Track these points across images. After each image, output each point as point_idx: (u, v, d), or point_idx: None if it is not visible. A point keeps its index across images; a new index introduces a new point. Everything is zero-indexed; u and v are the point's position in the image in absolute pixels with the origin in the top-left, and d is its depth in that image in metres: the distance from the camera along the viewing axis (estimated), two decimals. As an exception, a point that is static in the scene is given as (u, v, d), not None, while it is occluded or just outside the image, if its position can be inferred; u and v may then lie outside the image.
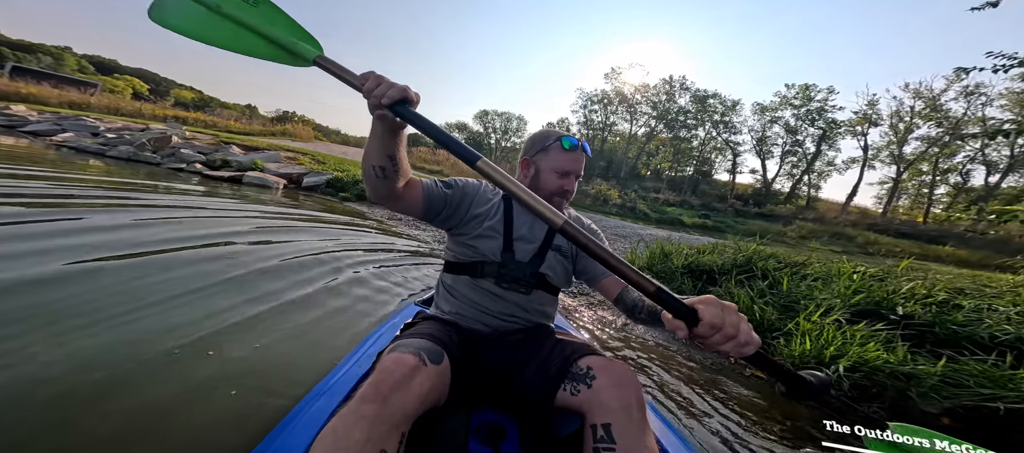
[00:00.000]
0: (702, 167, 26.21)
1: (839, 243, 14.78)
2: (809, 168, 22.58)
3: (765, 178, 24.30)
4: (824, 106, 21.33)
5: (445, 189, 0.85)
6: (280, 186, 6.72)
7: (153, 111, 17.08)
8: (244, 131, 16.16)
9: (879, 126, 19.93)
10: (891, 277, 2.40)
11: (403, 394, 0.55)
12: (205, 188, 5.22)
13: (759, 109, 23.78)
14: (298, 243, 2.79)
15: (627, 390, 0.62)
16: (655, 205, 19.07)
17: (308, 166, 8.30)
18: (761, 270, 2.61)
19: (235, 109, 30.41)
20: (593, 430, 0.60)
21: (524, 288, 0.83)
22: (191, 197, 4.19)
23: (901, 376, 1.65)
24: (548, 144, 0.89)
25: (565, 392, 0.68)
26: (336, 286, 2.07)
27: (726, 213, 19.79)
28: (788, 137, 22.86)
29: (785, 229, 17.00)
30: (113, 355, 1.17)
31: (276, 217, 3.74)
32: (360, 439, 0.49)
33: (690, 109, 25.26)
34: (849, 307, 2.08)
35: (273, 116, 29.79)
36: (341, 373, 0.83)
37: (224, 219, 3.19)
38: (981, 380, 1.59)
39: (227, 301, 1.62)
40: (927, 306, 2.11)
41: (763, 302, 2.25)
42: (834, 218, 19.25)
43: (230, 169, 7.10)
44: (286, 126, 20.69)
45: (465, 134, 34.13)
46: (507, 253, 0.84)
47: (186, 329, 1.35)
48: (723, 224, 16.92)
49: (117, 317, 1.35)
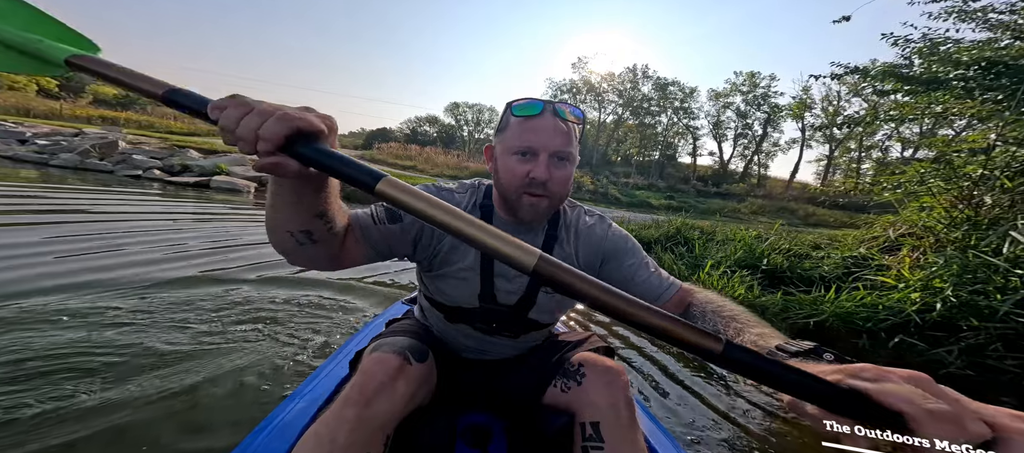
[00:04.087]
0: (667, 151, 28.02)
1: (784, 216, 16.80)
2: (758, 149, 24.97)
3: (722, 159, 26.52)
4: (767, 92, 23.52)
5: (390, 224, 0.60)
6: (251, 190, 6.58)
7: (73, 111, 15.51)
8: (189, 132, 15.00)
9: (812, 109, 22.32)
10: (768, 238, 3.36)
11: (387, 396, 0.53)
12: (195, 195, 5.37)
13: (714, 95, 25.69)
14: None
15: (616, 389, 0.60)
16: (625, 190, 20.35)
17: None
18: (684, 238, 3.51)
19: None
20: (582, 428, 0.59)
21: (509, 335, 0.71)
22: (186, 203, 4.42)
23: (757, 308, 2.54)
24: (504, 118, 0.63)
25: (555, 388, 0.66)
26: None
27: (689, 194, 21.53)
28: (739, 121, 25.03)
29: (739, 206, 18.96)
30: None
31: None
32: (343, 443, 0.47)
33: (653, 96, 26.75)
34: (734, 262, 2.98)
35: None
36: (324, 374, 0.81)
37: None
38: (804, 306, 2.50)
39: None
40: (788, 257, 3.05)
41: (681, 263, 3.11)
42: (780, 194, 21.62)
43: (192, 174, 6.92)
44: None
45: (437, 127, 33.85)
46: (485, 296, 0.66)
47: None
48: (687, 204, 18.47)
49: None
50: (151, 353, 1.36)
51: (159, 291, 1.92)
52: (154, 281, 2.02)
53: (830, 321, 2.38)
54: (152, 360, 1.32)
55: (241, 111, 0.33)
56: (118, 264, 2.22)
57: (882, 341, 2.21)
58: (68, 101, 18.01)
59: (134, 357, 1.32)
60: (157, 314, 1.66)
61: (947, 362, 2.02)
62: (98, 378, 1.19)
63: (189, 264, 2.40)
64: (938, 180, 3.00)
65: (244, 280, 2.25)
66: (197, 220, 3.72)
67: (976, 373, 1.98)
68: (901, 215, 3.26)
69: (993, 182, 2.64)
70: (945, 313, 2.13)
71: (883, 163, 21.07)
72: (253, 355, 1.43)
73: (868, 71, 3.79)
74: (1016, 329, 1.95)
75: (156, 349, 1.39)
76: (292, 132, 0.33)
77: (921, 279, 2.39)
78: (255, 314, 1.79)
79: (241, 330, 1.62)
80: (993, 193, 2.64)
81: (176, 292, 1.94)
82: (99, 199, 3.95)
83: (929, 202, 2.97)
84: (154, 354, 1.35)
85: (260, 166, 0.34)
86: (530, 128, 0.60)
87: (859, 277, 2.75)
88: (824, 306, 2.44)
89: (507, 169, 0.61)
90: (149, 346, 1.40)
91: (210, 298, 1.90)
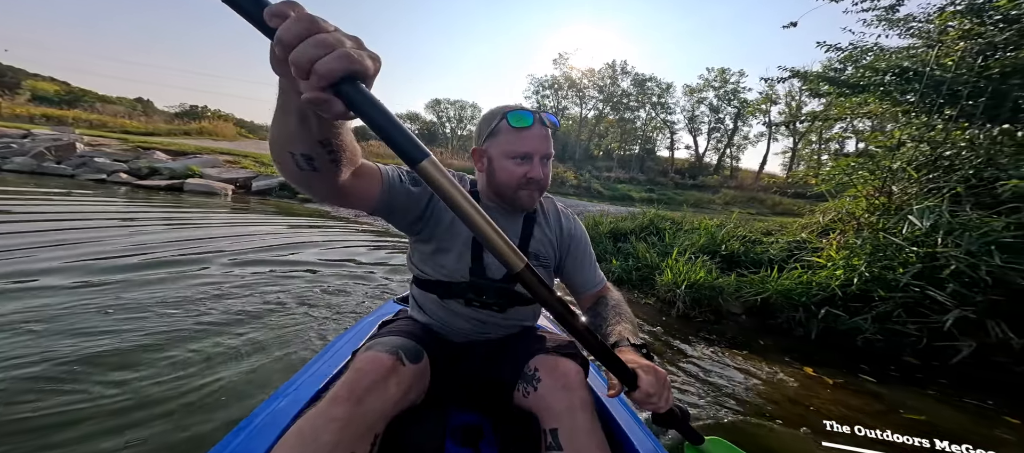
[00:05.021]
0: (646, 145, 28.91)
1: (754, 206, 17.86)
2: (729, 142, 26.23)
3: (697, 153, 27.67)
4: (737, 87, 24.72)
5: (411, 186, 0.68)
6: (228, 192, 6.46)
7: (12, 109, 14.24)
8: (146, 131, 14.21)
9: (777, 104, 23.69)
10: (726, 227, 3.76)
11: (378, 395, 0.53)
12: (173, 200, 5.24)
13: (689, 91, 26.71)
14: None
15: (571, 392, 0.61)
16: (607, 183, 20.93)
17: (252, 169, 8.04)
18: (656, 229, 3.86)
19: (122, 104, 25.29)
20: (544, 435, 0.59)
21: (497, 308, 0.76)
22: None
23: (715, 288, 2.88)
24: (496, 124, 0.72)
25: (519, 393, 0.67)
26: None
27: (668, 186, 22.41)
28: (712, 115, 26.16)
29: (713, 197, 19.96)
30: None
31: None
32: (329, 442, 0.47)
33: (632, 92, 27.51)
34: (698, 248, 3.33)
35: (177, 111, 24.87)
36: (310, 372, 0.80)
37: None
38: (753, 286, 2.87)
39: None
40: (743, 243, 3.44)
41: (653, 252, 3.44)
42: (750, 185, 22.87)
43: (162, 177, 6.72)
44: (202, 124, 18.02)
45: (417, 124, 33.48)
46: (476, 270, 0.74)
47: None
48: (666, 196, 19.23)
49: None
50: (132, 350, 1.38)
51: (139, 287, 2.02)
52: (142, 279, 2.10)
53: (774, 298, 2.76)
54: (134, 357, 1.33)
55: (301, 30, 0.29)
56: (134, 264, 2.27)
57: (813, 313, 2.60)
58: (5, 98, 16.52)
59: (110, 355, 1.33)
60: (149, 310, 1.73)
61: (863, 329, 2.42)
62: (72, 380, 1.19)
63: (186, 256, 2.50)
64: (864, 172, 3.46)
65: (229, 275, 2.37)
66: (169, 223, 3.72)
67: (884, 337, 2.39)
68: (832, 203, 3.73)
69: (903, 174, 3.11)
70: (861, 287, 2.54)
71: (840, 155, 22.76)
72: (239, 352, 1.48)
73: (806, 75, 4.25)
74: (914, 297, 2.37)
75: (136, 345, 1.42)
76: (349, 73, 0.30)
77: (843, 258, 2.81)
78: (245, 308, 1.91)
79: (228, 325, 1.69)
80: (901, 183, 3.10)
81: (160, 287, 2.04)
82: (84, 205, 3.86)
83: (855, 191, 3.43)
84: (137, 350, 1.38)
85: (307, 100, 0.31)
86: (525, 137, 0.71)
87: (799, 259, 3.17)
88: (769, 285, 2.82)
89: (505, 170, 0.72)
90: (131, 342, 1.43)
91: (202, 294, 1.99)
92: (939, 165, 3.01)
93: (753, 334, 2.64)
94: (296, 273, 2.67)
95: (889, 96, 3.64)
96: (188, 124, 18.00)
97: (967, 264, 2.23)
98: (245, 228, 3.93)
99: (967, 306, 2.16)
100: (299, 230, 4.18)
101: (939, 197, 2.76)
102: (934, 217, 2.56)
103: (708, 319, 2.80)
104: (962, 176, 2.83)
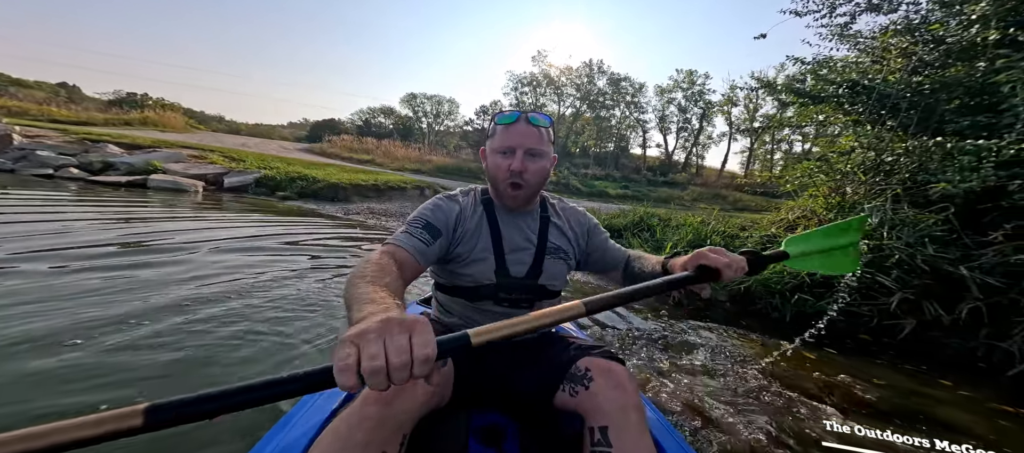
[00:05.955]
0: (621, 143, 30.00)
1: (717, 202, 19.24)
2: (696, 141, 27.92)
3: (667, 151, 29.17)
4: (702, 89, 26.30)
5: (433, 239, 0.73)
6: (198, 189, 6.17)
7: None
8: (78, 120, 12.97)
9: (737, 106, 25.56)
10: (710, 223, 4.10)
11: (407, 397, 0.55)
12: (149, 199, 4.77)
13: (659, 91, 28.02)
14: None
15: (624, 393, 0.62)
16: (585, 180, 21.54)
17: (222, 164, 7.67)
18: (647, 225, 4.13)
19: (42, 89, 22.39)
20: (590, 433, 0.61)
21: (525, 304, 0.79)
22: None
23: None
24: (491, 126, 0.80)
25: (563, 393, 0.68)
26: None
27: (642, 183, 23.48)
28: (680, 115, 27.66)
29: (682, 194, 21.25)
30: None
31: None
32: (362, 441, 0.49)
33: (607, 91, 28.36)
34: (686, 243, 3.62)
35: (111, 99, 22.02)
36: None
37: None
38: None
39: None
40: (724, 238, 3.79)
41: (647, 246, 3.69)
42: (714, 182, 24.59)
43: (118, 173, 6.28)
44: (145, 113, 16.44)
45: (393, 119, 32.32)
46: (501, 271, 0.78)
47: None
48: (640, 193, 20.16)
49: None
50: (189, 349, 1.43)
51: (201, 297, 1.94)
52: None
53: (754, 286, 3.09)
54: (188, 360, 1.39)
55: (375, 361, 0.36)
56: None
57: (787, 299, 2.95)
58: None
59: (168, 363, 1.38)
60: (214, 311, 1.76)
61: (827, 311, 2.80)
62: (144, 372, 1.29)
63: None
64: (821, 174, 3.93)
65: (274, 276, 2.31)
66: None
67: (845, 318, 2.77)
68: (796, 201, 4.20)
69: (854, 176, 3.57)
70: (825, 275, 2.92)
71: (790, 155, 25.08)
72: (278, 350, 1.58)
73: (775, 86, 4.71)
74: (867, 283, 2.76)
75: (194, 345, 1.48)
76: (431, 366, 0.39)
77: (809, 250, 3.20)
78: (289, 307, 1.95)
79: (273, 322, 1.77)
80: (853, 184, 3.57)
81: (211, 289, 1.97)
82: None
83: (815, 191, 3.89)
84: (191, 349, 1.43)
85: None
86: (509, 132, 0.76)
87: (771, 252, 3.56)
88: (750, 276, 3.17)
89: (494, 165, 0.78)
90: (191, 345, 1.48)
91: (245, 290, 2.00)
92: (882, 169, 3.50)
93: (736, 318, 2.95)
94: (294, 272, 2.59)
95: (842, 107, 4.14)
96: (127, 113, 16.30)
97: (906, 254, 2.65)
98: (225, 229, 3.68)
99: (908, 289, 2.58)
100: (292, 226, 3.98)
101: (883, 197, 3.22)
102: (880, 214, 3.00)
103: (698, 307, 3.09)
104: (900, 179, 3.31)
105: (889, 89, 3.63)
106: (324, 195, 7.08)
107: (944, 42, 3.59)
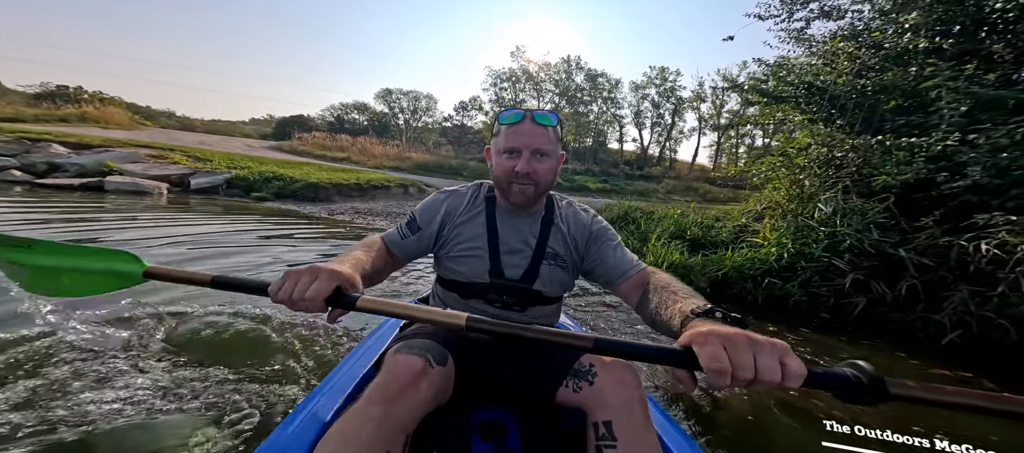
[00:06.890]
0: (599, 138, 30.74)
1: (689, 194, 20.29)
2: (668, 136, 29.16)
3: (642, 145, 30.23)
4: (673, 86, 27.47)
5: (410, 234, 0.80)
6: (162, 191, 5.77)
7: None
8: (3, 116, 11.36)
9: (706, 101, 26.94)
10: (688, 216, 4.39)
11: (410, 397, 0.56)
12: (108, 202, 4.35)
13: (634, 87, 28.95)
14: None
15: (628, 387, 0.62)
16: (566, 174, 21.88)
17: (186, 164, 7.16)
18: (632, 218, 4.35)
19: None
20: (594, 427, 0.60)
21: (517, 308, 0.78)
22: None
23: (687, 266, 3.40)
24: (495, 125, 0.79)
25: (567, 388, 0.68)
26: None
27: (619, 177, 24.21)
28: (654, 111, 28.75)
29: (657, 187, 22.18)
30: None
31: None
32: (366, 441, 0.50)
33: (585, 87, 28.91)
34: (669, 235, 3.86)
35: (38, 91, 20.00)
36: (342, 372, 0.83)
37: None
38: (714, 263, 3.45)
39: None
40: (701, 229, 4.07)
41: (633, 238, 3.89)
42: (686, 175, 25.85)
43: (67, 174, 5.75)
44: (83, 108, 14.90)
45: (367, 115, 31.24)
46: (495, 272, 0.78)
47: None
48: (618, 187, 20.79)
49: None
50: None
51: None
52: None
53: (730, 272, 3.37)
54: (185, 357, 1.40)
55: (291, 284, 0.54)
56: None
57: (759, 283, 3.25)
58: None
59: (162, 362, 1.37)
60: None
61: (792, 293, 3.11)
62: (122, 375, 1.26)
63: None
64: (783, 169, 4.31)
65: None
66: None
67: (808, 298, 3.09)
68: (762, 194, 4.57)
69: (810, 170, 3.96)
70: (789, 260, 3.23)
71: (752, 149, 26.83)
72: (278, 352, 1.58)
73: (741, 86, 5.08)
74: (825, 266, 3.10)
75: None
76: (327, 293, 0.54)
77: (775, 238, 3.52)
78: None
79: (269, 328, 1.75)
80: (809, 178, 3.96)
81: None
82: None
83: (778, 184, 4.26)
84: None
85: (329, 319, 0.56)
86: (514, 132, 0.74)
87: (744, 240, 3.87)
88: (726, 262, 3.43)
89: (499, 165, 0.76)
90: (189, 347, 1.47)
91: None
92: (833, 164, 3.90)
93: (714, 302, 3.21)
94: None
95: (799, 107, 4.54)
96: (61, 108, 14.54)
97: (856, 239, 3.00)
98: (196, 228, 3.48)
99: (858, 270, 2.92)
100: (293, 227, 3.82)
101: (836, 189, 3.60)
102: (834, 204, 3.36)
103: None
104: (849, 172, 3.71)
105: (839, 91, 4.03)
106: (304, 195, 6.79)
107: (883, 47, 4.03)
